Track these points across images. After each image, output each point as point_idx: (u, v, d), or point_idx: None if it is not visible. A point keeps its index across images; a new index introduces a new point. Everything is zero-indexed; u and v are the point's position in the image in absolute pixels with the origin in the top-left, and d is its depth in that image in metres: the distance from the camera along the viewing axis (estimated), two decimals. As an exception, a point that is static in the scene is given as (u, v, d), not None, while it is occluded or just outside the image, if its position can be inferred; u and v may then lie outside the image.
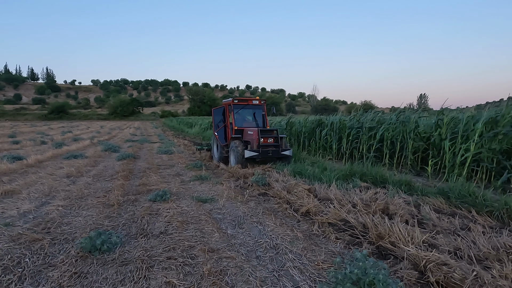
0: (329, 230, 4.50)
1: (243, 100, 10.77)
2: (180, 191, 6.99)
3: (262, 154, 9.43)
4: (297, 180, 7.64)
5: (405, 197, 6.00)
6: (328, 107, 76.82)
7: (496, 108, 8.23)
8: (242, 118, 11.14)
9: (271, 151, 9.50)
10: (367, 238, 4.22)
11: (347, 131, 11.44)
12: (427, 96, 79.98)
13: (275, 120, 17.89)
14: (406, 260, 3.45)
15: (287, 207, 5.78)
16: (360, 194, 6.19)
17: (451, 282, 2.91)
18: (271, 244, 4.09)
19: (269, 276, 3.25)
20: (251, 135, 10.02)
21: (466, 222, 4.81)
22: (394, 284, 2.66)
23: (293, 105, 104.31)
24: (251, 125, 10.96)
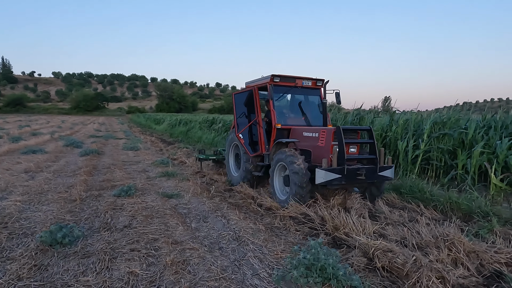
0: (290, 223, 4.73)
1: (288, 79, 6.49)
2: (146, 187, 6.98)
3: (348, 177, 5.08)
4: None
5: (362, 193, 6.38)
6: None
7: (447, 111, 8.90)
8: (285, 110, 7.06)
9: (364, 171, 5.15)
10: (325, 229, 4.51)
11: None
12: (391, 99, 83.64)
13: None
14: (357, 248, 3.75)
15: (251, 201, 5.97)
16: (321, 189, 6.51)
17: (394, 266, 3.22)
18: (234, 236, 4.25)
19: (230, 265, 3.42)
20: (316, 139, 5.75)
21: (414, 215, 5.24)
22: (343, 268, 2.91)
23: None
24: (300, 122, 6.84)
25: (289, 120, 6.77)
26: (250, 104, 7.01)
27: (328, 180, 4.94)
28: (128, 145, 14.26)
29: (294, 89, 6.70)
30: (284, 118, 6.74)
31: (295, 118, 6.97)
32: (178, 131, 22.94)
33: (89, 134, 21.64)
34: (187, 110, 78.03)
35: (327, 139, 5.55)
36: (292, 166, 5.32)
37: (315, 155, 5.74)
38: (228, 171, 7.96)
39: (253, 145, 6.90)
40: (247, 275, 3.21)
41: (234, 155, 7.89)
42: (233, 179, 7.55)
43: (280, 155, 5.74)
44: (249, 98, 7.00)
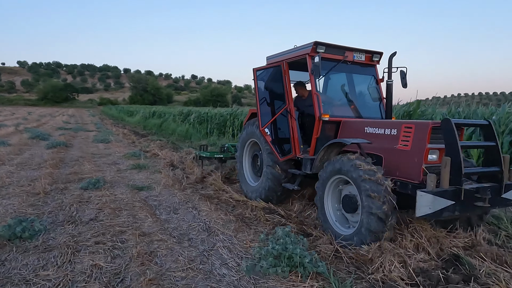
0: (261, 214, 4.75)
1: (336, 50, 4.73)
2: (116, 179, 6.79)
3: (464, 204, 3.24)
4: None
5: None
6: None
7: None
8: (329, 95, 5.34)
9: (488, 194, 3.19)
10: (294, 219, 4.56)
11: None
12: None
13: (221, 113, 17.90)
14: (325, 236, 3.82)
15: (223, 193, 5.95)
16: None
17: (359, 252, 3.30)
18: (204, 227, 4.22)
19: (198, 256, 3.39)
20: (392, 139, 3.83)
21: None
22: (310, 256, 2.96)
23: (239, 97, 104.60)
24: (353, 113, 4.97)
25: (337, 110, 4.80)
26: (276, 85, 5.23)
27: (437, 210, 3.06)
28: (99, 138, 13.82)
29: (340, 66, 4.73)
30: (330, 106, 4.77)
31: (343, 106, 5.01)
32: (152, 123, 22.48)
33: (57, 126, 20.79)
34: (161, 102, 76.47)
35: (417, 139, 3.52)
36: (367, 184, 3.36)
37: (391, 165, 3.71)
38: (241, 179, 5.98)
39: (281, 144, 5.03)
40: (215, 265, 3.20)
41: (251, 158, 5.90)
42: (249, 190, 5.63)
43: (339, 164, 3.70)
44: (275, 77, 5.24)
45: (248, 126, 5.83)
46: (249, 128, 5.77)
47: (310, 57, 4.55)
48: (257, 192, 5.36)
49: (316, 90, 4.47)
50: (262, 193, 5.25)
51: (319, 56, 4.19)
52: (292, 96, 5.05)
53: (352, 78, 5.21)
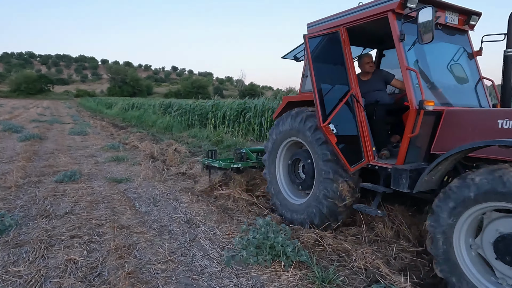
0: (243, 204, 4.70)
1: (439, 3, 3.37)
2: (93, 172, 6.58)
3: None
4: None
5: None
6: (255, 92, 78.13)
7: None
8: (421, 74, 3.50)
9: None
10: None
11: (268, 113, 11.87)
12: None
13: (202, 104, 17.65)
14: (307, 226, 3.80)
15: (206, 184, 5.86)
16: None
17: (339, 244, 3.31)
18: (185, 218, 4.14)
19: (179, 248, 3.31)
20: None
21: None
22: (292, 244, 2.93)
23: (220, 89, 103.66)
24: (457, 99, 3.52)
25: (437, 95, 3.43)
26: (332, 61, 3.96)
27: None
28: (76, 130, 13.37)
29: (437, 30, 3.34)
30: (425, 90, 3.22)
31: (443, 90, 3.56)
32: (131, 115, 21.96)
33: (31, 118, 19.99)
34: (141, 94, 74.89)
35: None
36: None
37: None
38: (274, 194, 4.47)
39: (347, 146, 3.56)
40: (197, 256, 3.14)
41: (289, 164, 4.41)
42: (287, 209, 4.19)
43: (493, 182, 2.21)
44: (330, 50, 3.92)
45: (285, 121, 4.23)
46: (287, 123, 4.19)
47: (393, 15, 3.20)
48: (305, 214, 3.85)
49: (407, 63, 3.13)
50: (314, 216, 3.71)
51: (432, 8, 2.79)
52: (355, 74, 3.67)
53: (440, 50, 3.75)
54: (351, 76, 3.62)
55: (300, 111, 4.08)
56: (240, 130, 13.09)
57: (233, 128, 13.57)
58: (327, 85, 3.84)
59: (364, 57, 4.26)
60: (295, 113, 4.14)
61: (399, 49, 3.16)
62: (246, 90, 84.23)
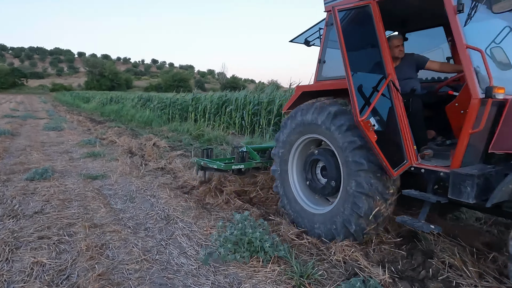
0: (222, 199, 4.61)
1: None
2: (67, 168, 6.33)
3: None
4: (197, 153, 7.62)
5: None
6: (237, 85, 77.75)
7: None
8: None
9: None
10: (255, 202, 4.48)
11: (249, 106, 11.77)
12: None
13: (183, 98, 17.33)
14: (287, 219, 3.76)
15: (185, 180, 5.73)
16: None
17: (320, 235, 3.28)
18: (162, 215, 4.02)
19: (155, 246, 3.20)
20: None
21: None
22: (271, 240, 2.87)
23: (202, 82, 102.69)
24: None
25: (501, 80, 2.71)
26: (362, 41, 3.38)
27: None
28: (50, 125, 12.90)
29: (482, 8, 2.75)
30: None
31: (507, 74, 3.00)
32: (110, 109, 21.38)
33: (3, 114, 19.15)
34: (120, 88, 73.20)
35: None
36: None
37: None
38: (284, 196, 3.86)
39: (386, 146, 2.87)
40: (173, 254, 3.04)
41: (302, 165, 3.80)
42: (306, 220, 3.55)
43: None
44: (358, 27, 3.34)
45: (305, 114, 3.51)
46: (307, 118, 3.47)
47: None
48: (332, 226, 3.19)
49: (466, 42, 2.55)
50: (338, 232, 3.13)
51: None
52: (391, 58, 3.06)
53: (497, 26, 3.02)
54: (386, 60, 2.97)
55: (327, 104, 3.31)
56: (221, 123, 12.95)
57: (214, 122, 13.41)
58: (358, 71, 3.11)
59: (393, 39, 3.55)
60: (320, 107, 3.34)
61: (455, 24, 2.57)
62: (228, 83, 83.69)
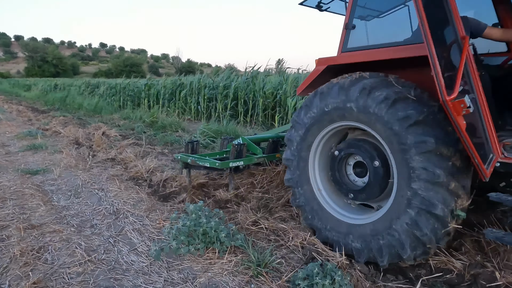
0: (178, 190, 4.41)
1: None
2: (2, 164, 5.71)
3: None
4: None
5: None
6: (193, 70, 75.85)
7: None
8: None
9: None
10: (212, 193, 4.34)
11: (204, 91, 11.43)
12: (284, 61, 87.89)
13: (135, 83, 16.43)
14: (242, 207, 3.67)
15: (137, 170, 5.42)
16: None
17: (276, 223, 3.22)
18: (111, 210, 3.74)
19: (102, 244, 2.96)
20: None
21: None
22: (226, 229, 2.75)
23: (156, 67, 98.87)
24: None
25: None
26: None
27: None
28: (-17, 117, 11.65)
29: None
30: None
31: None
32: (54, 97, 19.81)
33: None
34: (66, 74, 68.32)
35: None
36: None
37: None
38: (306, 207, 3.04)
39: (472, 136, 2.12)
40: (122, 252, 2.82)
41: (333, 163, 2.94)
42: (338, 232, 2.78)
43: None
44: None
45: (329, 96, 2.73)
46: (335, 100, 2.67)
47: None
48: (373, 244, 2.50)
49: None
50: (391, 252, 2.41)
51: None
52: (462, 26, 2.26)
53: None
54: (457, 20, 2.21)
55: (378, 84, 2.48)
56: (176, 109, 12.50)
57: (168, 108, 12.92)
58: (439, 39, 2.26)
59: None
60: (370, 88, 2.47)
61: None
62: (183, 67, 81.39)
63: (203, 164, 3.96)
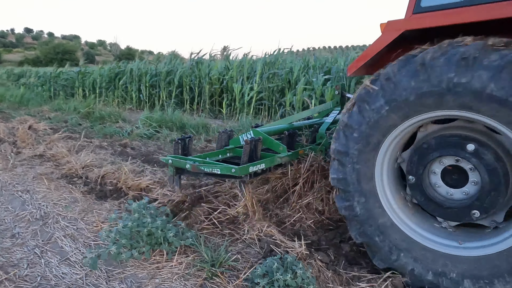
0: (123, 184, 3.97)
1: None
2: None
3: None
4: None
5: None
6: (133, 57, 71.84)
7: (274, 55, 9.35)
8: None
9: None
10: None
11: (146, 78, 10.72)
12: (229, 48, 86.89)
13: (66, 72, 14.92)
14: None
15: (71, 167, 4.83)
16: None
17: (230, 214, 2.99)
18: (38, 214, 3.23)
19: (25, 257, 2.50)
20: None
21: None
22: (174, 228, 2.47)
23: (92, 54, 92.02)
24: None
25: None
26: None
27: None
28: None
29: None
30: None
31: None
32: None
33: None
34: (-16, 63, 60.63)
35: None
36: None
37: None
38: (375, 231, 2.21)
39: None
40: (51, 264, 2.40)
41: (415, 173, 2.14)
42: (421, 266, 2.08)
43: None
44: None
45: (412, 73, 1.95)
46: (415, 79, 1.93)
47: None
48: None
49: None
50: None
51: None
52: None
53: None
54: None
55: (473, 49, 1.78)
56: (115, 98, 11.61)
57: (106, 97, 11.96)
58: None
59: None
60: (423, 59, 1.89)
61: None
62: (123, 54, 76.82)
63: (210, 170, 2.84)
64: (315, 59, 9.05)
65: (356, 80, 6.95)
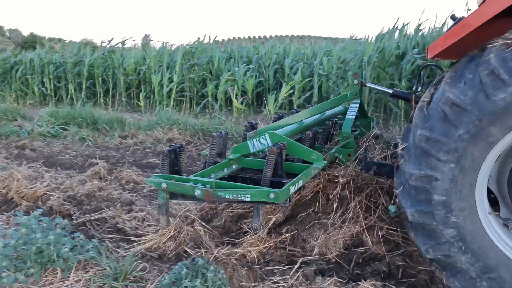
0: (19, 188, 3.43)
1: None
2: None
3: None
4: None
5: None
6: (39, 45, 64.05)
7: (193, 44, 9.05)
8: None
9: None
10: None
11: (49, 68, 9.55)
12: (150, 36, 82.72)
13: None
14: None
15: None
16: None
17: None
18: None
19: None
20: None
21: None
22: (71, 241, 2.18)
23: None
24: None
25: None
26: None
27: None
28: None
29: None
30: None
31: None
32: None
33: None
34: None
35: None
36: None
37: None
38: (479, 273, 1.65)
39: None
40: None
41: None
42: None
43: None
44: None
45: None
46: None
47: None
48: None
49: None
50: None
51: None
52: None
53: None
54: None
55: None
56: (13, 92, 10.18)
57: (1, 92, 10.41)
58: None
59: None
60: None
61: None
62: (26, 42, 68.05)
63: (236, 197, 2.01)
64: (238, 50, 8.99)
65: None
